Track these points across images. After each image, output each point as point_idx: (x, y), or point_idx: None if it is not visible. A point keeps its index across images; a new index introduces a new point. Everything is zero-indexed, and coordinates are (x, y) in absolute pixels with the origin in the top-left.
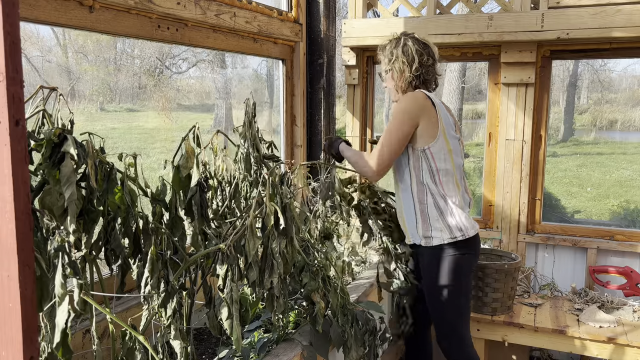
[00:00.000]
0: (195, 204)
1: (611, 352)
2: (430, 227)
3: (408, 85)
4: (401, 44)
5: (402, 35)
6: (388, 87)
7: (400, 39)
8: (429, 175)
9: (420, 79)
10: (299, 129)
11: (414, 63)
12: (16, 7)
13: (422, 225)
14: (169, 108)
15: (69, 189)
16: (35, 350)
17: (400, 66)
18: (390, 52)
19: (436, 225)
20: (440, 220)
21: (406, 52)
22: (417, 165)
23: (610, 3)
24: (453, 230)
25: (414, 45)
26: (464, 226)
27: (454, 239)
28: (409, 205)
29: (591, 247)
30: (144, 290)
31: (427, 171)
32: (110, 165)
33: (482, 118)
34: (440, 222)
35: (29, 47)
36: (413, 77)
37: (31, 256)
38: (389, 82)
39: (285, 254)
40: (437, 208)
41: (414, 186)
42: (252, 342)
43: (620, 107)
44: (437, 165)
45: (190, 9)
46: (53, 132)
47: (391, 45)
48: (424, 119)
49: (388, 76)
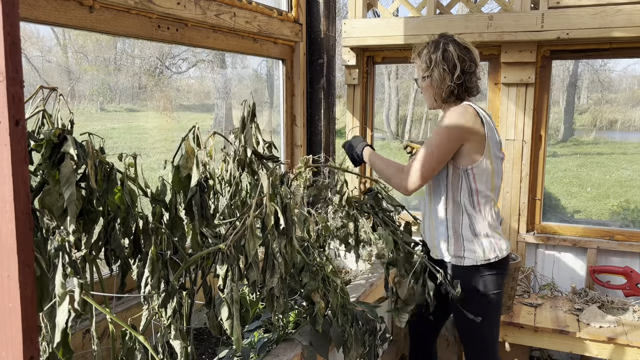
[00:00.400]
0: (195, 204)
1: (611, 352)
2: (462, 247)
3: (449, 94)
4: (441, 49)
5: (441, 38)
6: (425, 96)
7: (440, 42)
8: (467, 195)
9: (463, 87)
10: (299, 129)
11: (455, 70)
12: (16, 7)
13: (455, 244)
14: (169, 108)
15: (68, 189)
16: (35, 350)
17: (440, 73)
18: (428, 58)
19: (469, 246)
20: (474, 242)
21: (447, 58)
22: (455, 184)
23: (610, 3)
24: (486, 252)
25: (455, 50)
26: (498, 248)
27: (487, 260)
28: (441, 223)
29: (591, 247)
30: (144, 290)
31: (466, 191)
32: (110, 166)
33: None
34: (475, 244)
35: (29, 47)
36: (455, 86)
37: (31, 256)
38: (426, 90)
39: (285, 254)
40: (472, 230)
41: (449, 204)
42: (252, 342)
43: (620, 107)
44: (477, 186)
45: (190, 9)
46: (53, 132)
47: (429, 50)
48: (471, 138)
49: (425, 83)
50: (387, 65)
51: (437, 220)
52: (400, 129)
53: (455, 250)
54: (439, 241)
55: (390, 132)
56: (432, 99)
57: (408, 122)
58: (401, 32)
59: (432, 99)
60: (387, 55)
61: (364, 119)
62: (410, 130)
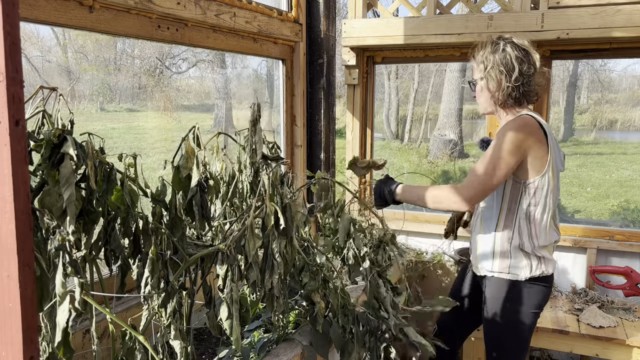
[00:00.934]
0: (196, 204)
1: (611, 353)
2: (509, 263)
3: (507, 98)
4: (500, 49)
5: (499, 39)
6: (480, 99)
7: (499, 43)
8: (525, 211)
9: (520, 91)
10: (299, 129)
11: (513, 72)
12: (16, 7)
13: (500, 259)
14: (169, 108)
15: (67, 190)
16: (35, 350)
17: (497, 75)
18: (485, 58)
19: (517, 263)
20: (522, 258)
21: (504, 59)
22: (514, 198)
23: (610, 3)
24: (533, 269)
25: (513, 52)
26: (545, 266)
27: (532, 276)
28: (489, 236)
29: (591, 247)
30: (144, 290)
31: (524, 206)
32: (110, 166)
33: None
34: (523, 261)
35: (29, 47)
36: (513, 88)
37: (31, 256)
38: (482, 93)
39: (285, 254)
40: (521, 246)
41: (502, 218)
42: (252, 342)
43: (620, 107)
44: (536, 200)
45: (190, 9)
46: (53, 133)
47: (486, 50)
48: (534, 150)
49: (481, 85)
50: (387, 65)
51: (485, 233)
52: (400, 129)
53: (500, 264)
54: (483, 255)
55: (390, 132)
56: (488, 103)
57: (408, 122)
58: (401, 32)
59: (488, 102)
60: (387, 55)
61: (364, 119)
62: (410, 130)
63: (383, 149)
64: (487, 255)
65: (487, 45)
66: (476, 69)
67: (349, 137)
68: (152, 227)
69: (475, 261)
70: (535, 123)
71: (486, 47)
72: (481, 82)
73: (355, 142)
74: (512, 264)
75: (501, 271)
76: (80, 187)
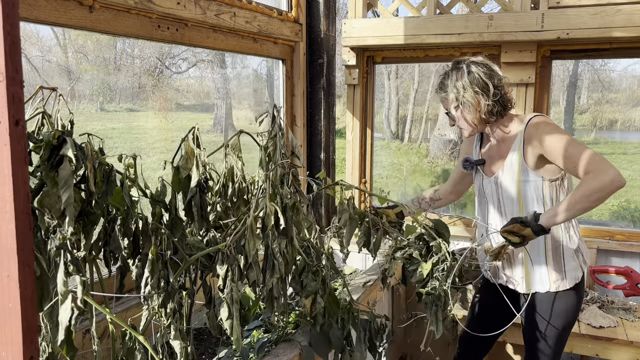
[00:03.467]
0: (195, 205)
1: (611, 353)
2: (563, 268)
3: (489, 115)
4: (465, 72)
5: (458, 63)
6: (463, 125)
7: (461, 67)
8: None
9: (500, 103)
10: (299, 129)
11: (488, 89)
12: (16, 7)
13: (555, 267)
14: (169, 108)
15: (66, 192)
16: (35, 350)
17: (473, 97)
18: (454, 86)
19: (571, 264)
20: (575, 257)
21: (474, 79)
22: (553, 197)
23: (610, 3)
24: (582, 266)
25: (478, 70)
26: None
27: (582, 274)
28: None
29: (591, 247)
30: (144, 290)
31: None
32: (109, 167)
33: None
34: (575, 259)
35: (29, 47)
36: (493, 103)
37: (31, 256)
38: (462, 121)
39: (285, 254)
40: (572, 243)
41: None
42: (252, 342)
43: (621, 107)
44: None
45: (190, 9)
46: (53, 134)
47: (451, 79)
48: None
49: (458, 114)
50: (387, 65)
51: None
52: (400, 129)
53: (556, 273)
54: (536, 271)
55: (390, 132)
56: (472, 125)
57: (408, 122)
58: (401, 32)
59: (471, 125)
60: (387, 55)
61: (364, 119)
62: (410, 130)
63: (383, 149)
64: (539, 272)
65: (451, 74)
66: (448, 100)
67: (349, 137)
68: (152, 227)
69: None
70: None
71: (450, 75)
72: (456, 111)
73: (355, 142)
74: (567, 269)
75: (557, 281)
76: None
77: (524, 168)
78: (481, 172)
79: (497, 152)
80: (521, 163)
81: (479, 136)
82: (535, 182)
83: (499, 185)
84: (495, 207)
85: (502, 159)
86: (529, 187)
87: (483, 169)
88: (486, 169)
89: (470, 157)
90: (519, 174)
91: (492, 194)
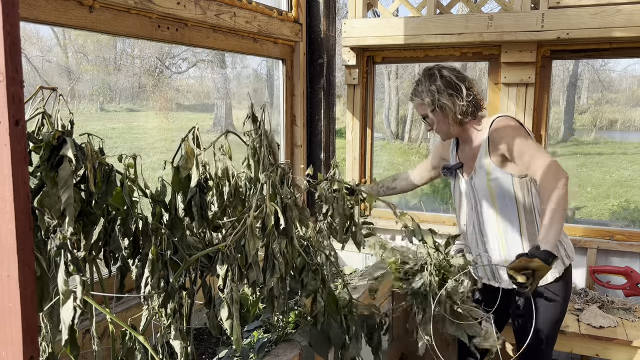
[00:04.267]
0: (195, 204)
1: (611, 353)
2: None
3: (464, 115)
4: (437, 76)
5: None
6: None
7: (433, 73)
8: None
9: (473, 104)
10: (299, 129)
11: (461, 91)
12: (16, 7)
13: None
14: (169, 108)
15: (66, 192)
16: (35, 350)
17: (448, 99)
18: (428, 90)
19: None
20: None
21: (447, 82)
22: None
23: (610, 3)
24: (564, 259)
25: (450, 74)
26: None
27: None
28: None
29: (591, 247)
30: (144, 290)
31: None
32: (109, 167)
33: None
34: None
35: (29, 47)
36: (467, 104)
37: (31, 256)
38: (441, 122)
39: (285, 254)
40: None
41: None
42: (252, 342)
43: (621, 107)
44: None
45: (190, 9)
46: (52, 135)
47: (424, 84)
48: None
49: (437, 116)
50: (387, 65)
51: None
52: (400, 129)
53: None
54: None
55: (390, 132)
56: (449, 127)
57: (408, 122)
58: (401, 32)
59: (448, 127)
60: (387, 55)
61: (364, 119)
62: (410, 130)
63: (383, 149)
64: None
65: (424, 80)
66: (423, 105)
67: (349, 137)
68: (153, 227)
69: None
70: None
71: (423, 82)
72: (433, 115)
73: (355, 142)
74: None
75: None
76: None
77: (492, 167)
78: (460, 174)
79: (470, 153)
80: (489, 163)
81: (454, 141)
82: (505, 179)
83: (474, 185)
84: (472, 206)
85: (474, 159)
86: (499, 184)
87: (462, 172)
88: (464, 171)
89: (448, 163)
90: (488, 173)
91: (469, 194)
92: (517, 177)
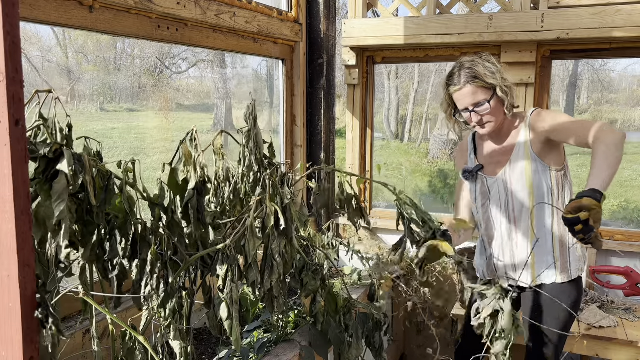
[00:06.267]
0: (192, 207)
1: (611, 353)
2: (569, 258)
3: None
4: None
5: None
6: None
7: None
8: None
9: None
10: (299, 129)
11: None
12: (16, 7)
13: (561, 258)
14: (169, 108)
15: (60, 205)
16: (35, 350)
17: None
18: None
19: (575, 254)
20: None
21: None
22: (561, 188)
23: (610, 3)
24: (585, 257)
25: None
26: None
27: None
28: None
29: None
30: (144, 291)
31: (568, 192)
32: (108, 175)
33: None
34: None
35: (29, 47)
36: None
37: (31, 256)
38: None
39: (284, 254)
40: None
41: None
42: (252, 342)
43: (620, 107)
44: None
45: (190, 9)
46: (50, 148)
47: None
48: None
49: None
50: (387, 65)
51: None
52: (400, 129)
53: (562, 264)
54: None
55: (390, 132)
56: (503, 117)
57: (408, 122)
58: (401, 32)
59: (503, 116)
60: (387, 55)
61: (364, 119)
62: (410, 130)
63: (383, 149)
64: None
65: (480, 62)
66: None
67: (349, 137)
68: (152, 227)
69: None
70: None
71: (477, 64)
72: (493, 101)
73: (355, 142)
74: (572, 260)
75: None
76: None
77: (533, 158)
78: (483, 175)
79: (501, 150)
80: (530, 153)
81: (472, 145)
82: (544, 171)
83: (506, 182)
84: (501, 208)
85: (507, 155)
86: (539, 177)
87: (484, 172)
88: (487, 171)
89: (468, 167)
90: (528, 165)
91: (499, 193)
92: (554, 170)
